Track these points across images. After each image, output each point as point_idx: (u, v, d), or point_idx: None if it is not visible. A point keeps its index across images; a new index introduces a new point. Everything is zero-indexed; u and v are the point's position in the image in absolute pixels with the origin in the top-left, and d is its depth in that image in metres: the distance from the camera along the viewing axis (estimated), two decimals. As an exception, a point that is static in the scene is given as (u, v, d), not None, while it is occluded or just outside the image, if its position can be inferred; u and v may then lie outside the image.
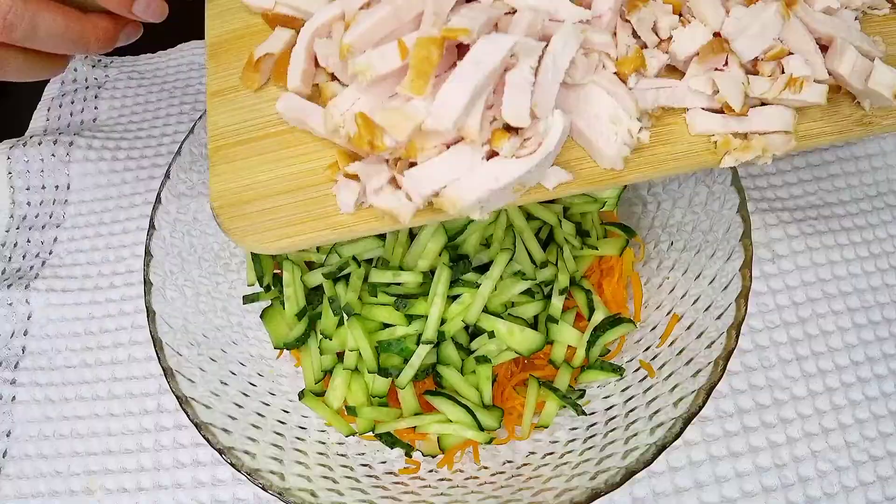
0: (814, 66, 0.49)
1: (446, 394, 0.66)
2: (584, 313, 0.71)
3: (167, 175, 0.70)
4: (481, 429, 0.65)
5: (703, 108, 0.50)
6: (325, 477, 0.60)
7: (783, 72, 0.49)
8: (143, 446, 0.74)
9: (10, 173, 0.95)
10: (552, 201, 0.73)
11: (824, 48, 0.50)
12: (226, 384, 0.64)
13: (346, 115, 0.48)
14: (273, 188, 0.50)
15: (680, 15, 0.51)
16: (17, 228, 0.92)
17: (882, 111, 0.52)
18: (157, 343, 0.61)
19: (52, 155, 0.95)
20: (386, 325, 0.67)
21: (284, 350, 0.73)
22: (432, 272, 0.66)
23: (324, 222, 0.49)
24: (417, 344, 0.65)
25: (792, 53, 0.49)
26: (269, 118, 0.53)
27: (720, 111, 0.49)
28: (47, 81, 1.06)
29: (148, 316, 0.63)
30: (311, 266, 0.73)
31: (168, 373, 0.60)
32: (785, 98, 0.48)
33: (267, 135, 0.52)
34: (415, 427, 0.66)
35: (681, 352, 0.62)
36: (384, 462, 0.66)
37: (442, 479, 0.64)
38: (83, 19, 0.51)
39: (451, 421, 0.65)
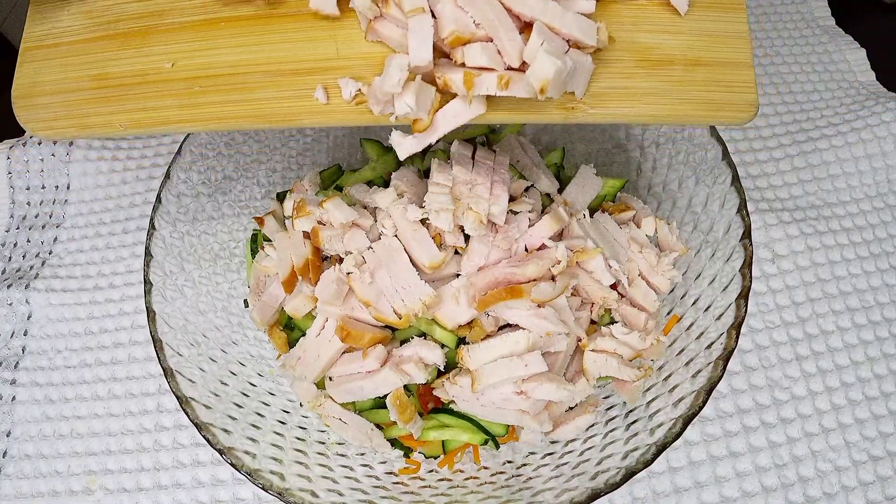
0: (506, 53, 0.46)
1: (450, 409, 0.66)
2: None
3: (167, 175, 0.70)
4: (484, 432, 0.65)
5: None
6: (325, 477, 0.60)
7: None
8: (143, 446, 0.74)
9: (10, 173, 0.95)
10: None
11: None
12: (226, 384, 0.64)
13: None
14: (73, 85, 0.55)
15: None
16: (17, 228, 0.92)
17: (594, 98, 0.48)
18: (157, 343, 0.61)
19: (52, 155, 0.95)
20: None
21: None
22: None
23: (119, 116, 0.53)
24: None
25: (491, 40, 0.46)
26: (81, 25, 0.56)
27: None
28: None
29: (148, 316, 0.63)
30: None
31: (168, 373, 0.59)
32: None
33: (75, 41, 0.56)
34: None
35: (681, 352, 0.62)
36: (384, 462, 0.66)
37: (442, 480, 0.64)
38: None
39: (448, 426, 0.65)
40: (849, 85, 0.97)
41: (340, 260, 0.66)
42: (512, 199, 0.66)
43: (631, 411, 0.62)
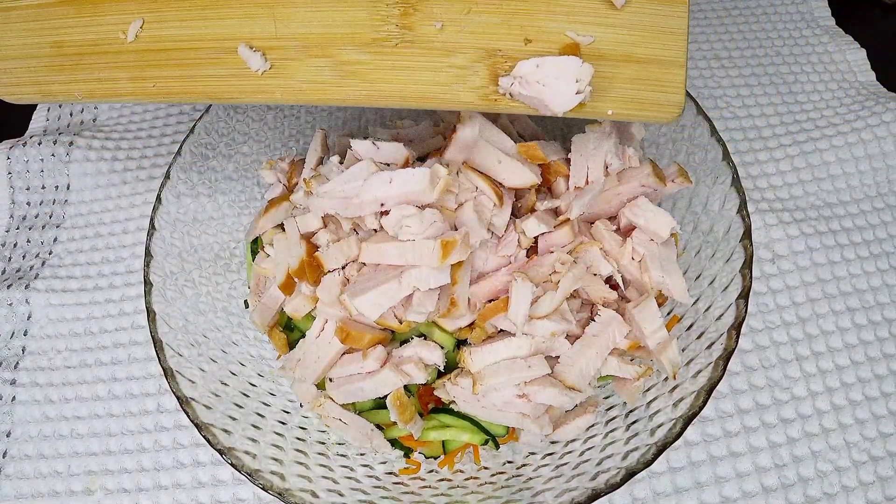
0: None
1: (451, 409, 0.66)
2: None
3: (167, 176, 0.70)
4: (484, 432, 0.65)
5: None
6: (325, 477, 0.60)
7: None
8: (143, 447, 0.74)
9: (10, 173, 0.95)
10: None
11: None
12: (226, 385, 0.64)
13: None
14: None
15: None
16: (17, 228, 0.92)
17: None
18: (157, 344, 0.61)
19: (52, 155, 0.95)
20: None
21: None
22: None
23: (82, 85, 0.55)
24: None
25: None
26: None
27: None
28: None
29: (148, 316, 0.63)
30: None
31: (168, 373, 0.59)
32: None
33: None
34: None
35: (681, 352, 0.62)
36: (384, 462, 0.66)
37: (442, 480, 0.64)
38: None
39: (448, 426, 0.65)
40: (849, 85, 0.97)
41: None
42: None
43: (631, 411, 0.62)
